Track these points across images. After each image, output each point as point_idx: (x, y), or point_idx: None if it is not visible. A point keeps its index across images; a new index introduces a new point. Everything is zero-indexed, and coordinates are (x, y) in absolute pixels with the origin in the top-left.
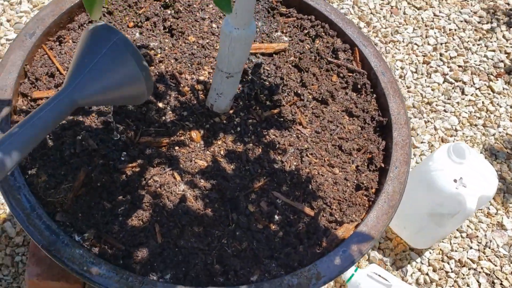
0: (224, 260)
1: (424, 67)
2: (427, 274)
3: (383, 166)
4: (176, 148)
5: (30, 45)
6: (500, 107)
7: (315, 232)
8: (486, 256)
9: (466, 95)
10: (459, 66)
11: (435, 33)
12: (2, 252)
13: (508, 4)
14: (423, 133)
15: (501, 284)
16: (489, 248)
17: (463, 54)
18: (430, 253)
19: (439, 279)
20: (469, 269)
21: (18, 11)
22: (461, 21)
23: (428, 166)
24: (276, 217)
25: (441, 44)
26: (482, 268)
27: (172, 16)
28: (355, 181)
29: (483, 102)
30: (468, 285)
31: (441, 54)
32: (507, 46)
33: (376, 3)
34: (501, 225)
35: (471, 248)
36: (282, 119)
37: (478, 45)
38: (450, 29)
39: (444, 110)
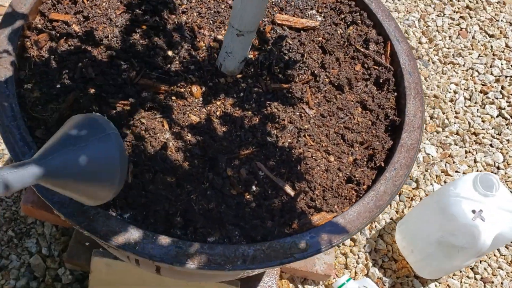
0: (187, 214)
1: (480, 96)
2: None
3: (382, 165)
4: (173, 98)
5: None
6: None
7: (289, 212)
8: None
9: None
10: None
11: (501, 64)
12: None
13: None
14: (460, 162)
15: None
16: None
17: None
18: (436, 285)
19: None
20: None
21: None
22: None
23: (449, 190)
24: (254, 187)
25: (506, 77)
26: None
27: None
28: (347, 173)
29: None
30: None
31: (502, 87)
32: None
33: (445, 22)
34: None
35: None
36: (289, 95)
37: None
38: None
39: (490, 145)
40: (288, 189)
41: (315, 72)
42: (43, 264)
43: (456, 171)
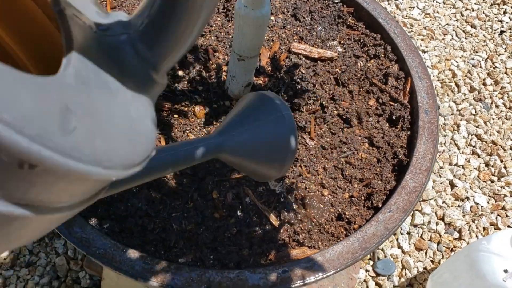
0: (164, 232)
1: None
2: None
3: (380, 206)
4: (175, 116)
5: None
6: None
7: (269, 243)
8: None
9: None
10: None
11: None
12: None
13: None
14: None
15: None
16: None
17: None
18: None
19: None
20: None
21: None
22: None
23: (481, 245)
24: (238, 213)
25: None
26: None
27: None
28: (339, 210)
29: None
30: None
31: None
32: None
33: None
34: None
35: None
36: None
37: None
38: None
39: None
40: (273, 218)
41: (324, 103)
42: (67, 265)
43: (509, 226)
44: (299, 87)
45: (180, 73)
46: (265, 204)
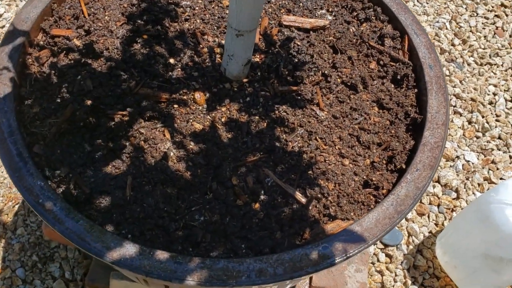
0: (188, 228)
1: None
2: None
3: (404, 167)
4: (175, 106)
5: None
6: None
7: (300, 221)
8: None
9: None
10: None
11: None
12: None
13: None
14: (505, 168)
15: None
16: None
17: None
18: None
19: None
20: None
21: None
22: None
23: (490, 197)
24: (262, 196)
25: None
26: None
27: None
28: (364, 177)
29: None
30: None
31: None
32: None
33: (479, 22)
34: None
35: None
36: (299, 97)
37: None
38: None
39: None
40: (299, 196)
41: (326, 72)
42: None
43: (501, 178)
44: (296, 60)
45: (172, 60)
46: (288, 182)
